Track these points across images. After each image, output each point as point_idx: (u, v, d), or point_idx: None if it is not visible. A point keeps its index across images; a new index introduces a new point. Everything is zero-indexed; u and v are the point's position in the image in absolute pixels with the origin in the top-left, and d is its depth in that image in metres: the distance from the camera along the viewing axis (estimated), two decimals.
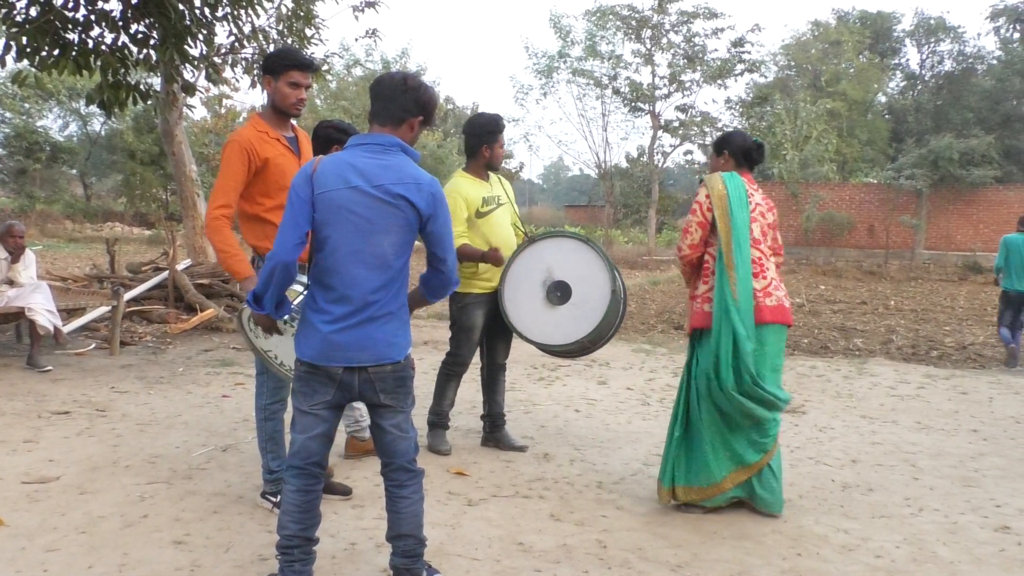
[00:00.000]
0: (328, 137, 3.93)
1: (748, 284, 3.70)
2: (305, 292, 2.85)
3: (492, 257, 4.42)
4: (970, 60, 34.71)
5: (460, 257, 4.30)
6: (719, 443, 3.78)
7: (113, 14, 7.35)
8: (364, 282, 2.68)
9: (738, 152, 4.00)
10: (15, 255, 6.87)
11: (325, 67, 11.23)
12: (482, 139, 4.57)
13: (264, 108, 3.70)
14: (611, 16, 29.11)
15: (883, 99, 36.34)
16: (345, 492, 3.90)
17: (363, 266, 2.67)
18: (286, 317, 2.91)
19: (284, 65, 3.53)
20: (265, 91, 3.63)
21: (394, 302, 2.75)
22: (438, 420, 4.74)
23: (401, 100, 2.73)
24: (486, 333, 4.76)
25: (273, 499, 3.69)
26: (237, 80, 23.32)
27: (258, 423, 3.76)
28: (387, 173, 2.67)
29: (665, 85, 30.36)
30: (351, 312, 2.68)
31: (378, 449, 2.88)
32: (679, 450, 3.85)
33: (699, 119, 31.20)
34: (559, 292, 4.47)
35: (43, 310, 6.74)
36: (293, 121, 3.75)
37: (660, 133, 31.12)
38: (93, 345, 7.77)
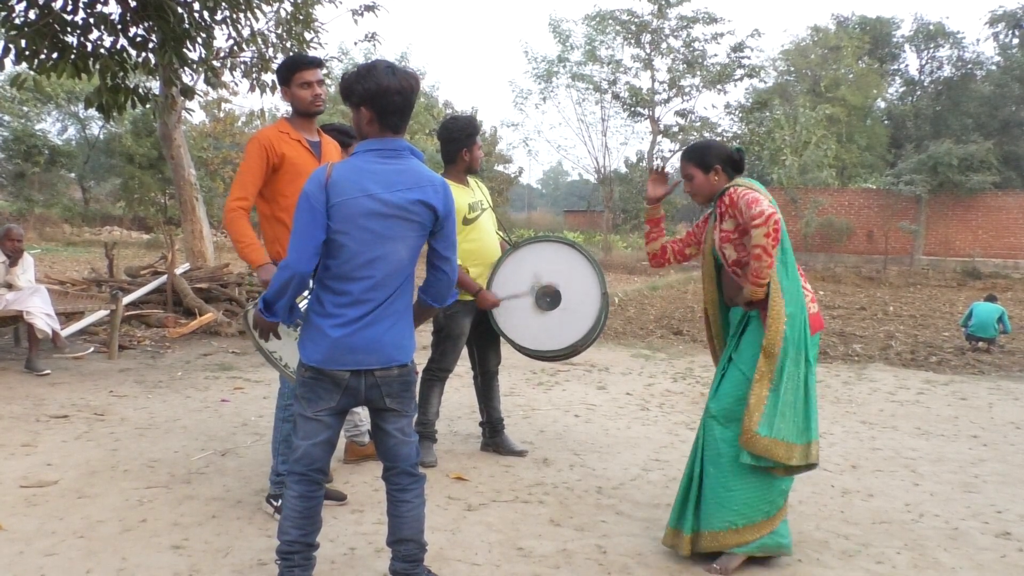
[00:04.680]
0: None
1: None
2: (309, 296, 2.84)
3: (482, 298, 4.45)
4: (969, 66, 34.75)
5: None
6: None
7: (112, 17, 7.35)
8: (380, 288, 2.66)
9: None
10: (13, 259, 6.86)
11: (324, 71, 11.24)
12: (461, 143, 4.49)
13: (291, 113, 3.84)
14: (611, 21, 29.12)
15: (882, 104, 36.37)
16: (339, 498, 3.89)
17: (380, 272, 2.65)
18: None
19: (291, 70, 3.69)
20: (286, 101, 3.79)
21: (403, 305, 2.75)
22: (424, 431, 4.59)
23: (412, 108, 2.73)
24: (476, 342, 4.75)
25: (276, 503, 3.68)
26: (236, 84, 23.39)
27: (276, 423, 3.78)
28: (403, 178, 2.66)
29: (665, 90, 30.38)
30: (363, 315, 2.65)
31: (381, 453, 2.87)
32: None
33: (699, 124, 31.21)
34: (549, 297, 4.46)
35: (41, 314, 6.73)
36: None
37: (659, 138, 31.15)
38: (91, 349, 7.76)
